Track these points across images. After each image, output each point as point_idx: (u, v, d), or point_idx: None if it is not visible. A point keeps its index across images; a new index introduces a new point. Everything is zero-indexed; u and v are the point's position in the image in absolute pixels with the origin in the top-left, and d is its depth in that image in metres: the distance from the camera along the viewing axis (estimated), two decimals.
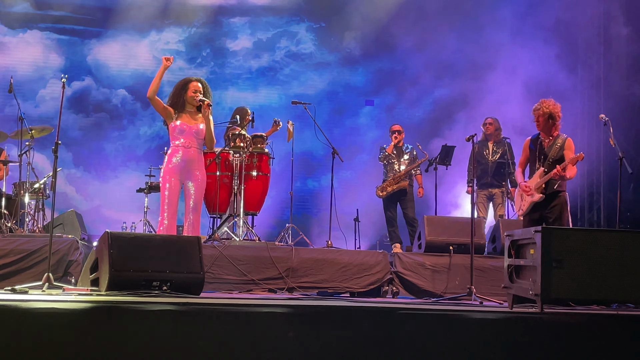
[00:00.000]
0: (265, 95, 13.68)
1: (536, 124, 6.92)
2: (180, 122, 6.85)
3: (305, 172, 12.85)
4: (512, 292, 5.14)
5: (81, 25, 13.45)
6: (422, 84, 13.61)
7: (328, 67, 14.14)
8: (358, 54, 14.22)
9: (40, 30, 13.22)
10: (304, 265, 7.47)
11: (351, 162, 12.95)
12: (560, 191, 6.81)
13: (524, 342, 4.28)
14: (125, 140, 13.35)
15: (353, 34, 14.11)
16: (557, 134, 6.86)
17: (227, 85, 13.74)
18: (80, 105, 13.33)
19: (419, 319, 4.30)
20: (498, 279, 6.97)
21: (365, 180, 11.27)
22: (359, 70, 14.22)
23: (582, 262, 4.58)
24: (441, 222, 8.43)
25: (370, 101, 14.07)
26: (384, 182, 9.75)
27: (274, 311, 4.19)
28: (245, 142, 8.41)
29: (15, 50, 13.09)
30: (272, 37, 14.08)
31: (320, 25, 14.26)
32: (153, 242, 5.76)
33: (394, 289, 7.69)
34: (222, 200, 8.37)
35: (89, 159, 13.09)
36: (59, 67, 13.09)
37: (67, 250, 7.07)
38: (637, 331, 4.40)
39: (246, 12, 14.00)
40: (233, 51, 13.91)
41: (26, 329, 3.79)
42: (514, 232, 5.30)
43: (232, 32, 13.94)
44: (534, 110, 6.88)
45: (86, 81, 13.39)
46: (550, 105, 6.80)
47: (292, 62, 14.13)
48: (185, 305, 4.14)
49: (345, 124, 13.86)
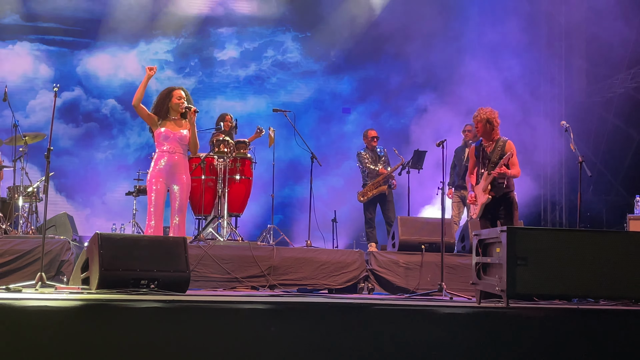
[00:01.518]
0: (253, 103, 13.51)
1: (476, 130, 7.08)
2: (165, 129, 6.82)
3: (293, 178, 12.61)
4: (479, 288, 5.17)
5: (70, 37, 13.16)
6: (406, 92, 13.57)
7: (314, 75, 14.01)
8: (343, 62, 14.09)
9: (30, 41, 12.92)
10: (284, 264, 7.46)
11: (338, 169, 12.92)
12: (509, 192, 6.86)
13: (491, 335, 4.30)
14: (115, 150, 13.11)
15: (338, 43, 13.93)
16: (498, 138, 6.94)
17: (215, 94, 13.55)
18: (70, 116, 13.07)
19: (393, 314, 4.31)
20: (467, 276, 7.01)
21: (352, 186, 11.08)
22: (344, 79, 14.10)
23: (545, 259, 4.60)
24: (414, 222, 8.47)
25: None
26: (365, 187, 9.77)
27: (257, 307, 4.19)
28: (229, 147, 8.42)
29: (5, 62, 12.75)
30: (259, 47, 13.92)
31: (306, 34, 14.10)
32: (141, 242, 5.73)
33: (370, 285, 7.70)
34: (207, 202, 8.36)
35: (79, 168, 12.80)
36: (49, 78, 12.81)
37: (60, 251, 7.01)
38: (595, 323, 4.44)
39: (233, 23, 13.81)
40: (221, 61, 13.73)
41: (20, 326, 3.75)
42: (481, 232, 5.32)
43: (220, 42, 13.75)
44: (474, 118, 7.01)
45: (76, 91, 13.12)
46: (488, 112, 6.91)
47: (279, 71, 13.95)
48: (172, 302, 4.12)
49: (332, 132, 13.71)
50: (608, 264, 4.66)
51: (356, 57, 13.99)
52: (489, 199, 6.80)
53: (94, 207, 12.58)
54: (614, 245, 4.73)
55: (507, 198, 6.85)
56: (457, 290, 6.81)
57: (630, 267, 4.68)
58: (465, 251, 8.26)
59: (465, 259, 7.75)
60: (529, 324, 4.38)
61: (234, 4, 13.76)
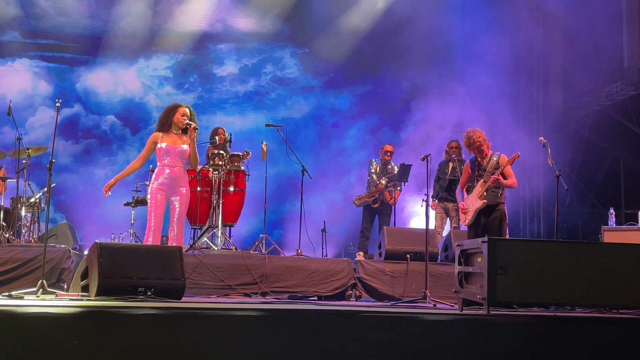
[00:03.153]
0: (253, 119, 13.16)
1: (468, 150, 7.12)
2: (166, 144, 6.74)
3: (294, 192, 11.98)
4: (462, 296, 5.17)
5: (70, 53, 12.82)
6: (405, 107, 13.31)
7: (313, 91, 13.67)
8: (341, 78, 13.78)
9: (29, 58, 12.59)
10: (276, 272, 7.45)
11: (338, 184, 12.67)
12: (500, 203, 6.91)
13: (473, 340, 4.30)
14: (115, 166, 12.66)
15: (336, 58, 13.60)
16: (491, 153, 6.99)
17: (214, 110, 13.24)
18: (70, 132, 12.71)
19: (379, 321, 4.31)
20: (450, 284, 7.00)
21: (350, 202, 10.64)
22: (344, 94, 13.79)
23: (524, 269, 4.61)
24: (399, 232, 8.48)
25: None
26: (365, 193, 9.86)
27: (249, 314, 4.18)
28: (223, 160, 8.42)
29: (4, 79, 12.40)
30: (258, 63, 13.61)
31: (304, 50, 13.79)
32: (139, 251, 5.70)
33: (357, 293, 7.69)
34: (202, 212, 8.35)
35: (78, 184, 12.41)
36: (48, 95, 12.51)
37: (60, 259, 6.98)
38: (571, 330, 4.45)
39: (232, 39, 13.51)
40: (220, 77, 13.42)
41: (21, 332, 3.73)
42: (464, 242, 5.33)
43: (219, 58, 13.45)
44: (463, 140, 7.05)
45: (75, 108, 12.79)
46: (474, 134, 6.96)
47: (278, 87, 13.62)
48: (168, 309, 4.10)
49: (331, 147, 13.40)
50: (584, 273, 4.68)
51: (354, 73, 13.69)
52: (485, 203, 6.84)
53: (93, 219, 12.12)
54: (589, 255, 4.74)
55: (498, 209, 6.89)
56: (441, 298, 6.80)
57: (604, 277, 4.70)
58: (449, 260, 8.27)
59: (448, 268, 7.75)
60: (509, 330, 4.38)
61: (232, 21, 13.46)
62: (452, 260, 7.56)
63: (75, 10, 12.83)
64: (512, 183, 6.89)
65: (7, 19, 12.48)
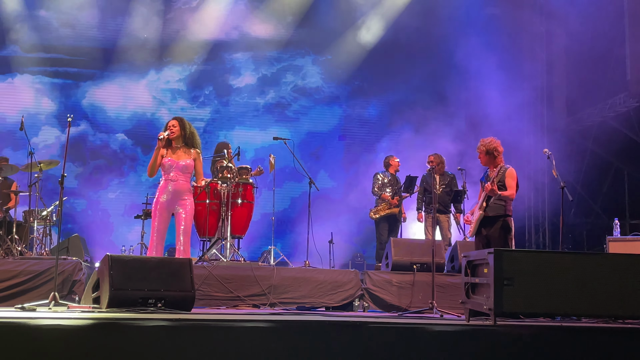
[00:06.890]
0: (276, 133, 11.16)
1: (480, 160, 7.07)
2: (169, 159, 6.83)
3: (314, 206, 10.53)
4: (468, 307, 5.16)
5: (75, 68, 11.74)
6: (439, 115, 12.35)
7: (337, 100, 12.56)
8: (368, 86, 12.69)
9: (31, 74, 11.53)
10: (284, 283, 7.44)
11: (371, 200, 11.81)
12: (503, 215, 6.83)
13: (480, 351, 4.29)
14: (127, 188, 11.71)
15: (360, 65, 12.51)
16: (501, 166, 6.94)
17: (232, 124, 12.16)
18: (77, 153, 11.51)
19: (386, 332, 4.30)
20: (456, 294, 6.98)
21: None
22: (372, 103, 12.70)
23: (530, 280, 4.61)
24: (406, 244, 8.47)
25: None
26: (377, 205, 9.81)
27: (258, 325, 4.18)
28: (231, 173, 8.44)
29: (4, 97, 11.36)
30: (277, 72, 12.47)
31: (327, 57, 12.65)
32: (149, 263, 5.72)
33: (365, 303, 7.68)
34: (211, 225, 8.34)
35: (87, 209, 11.37)
36: (52, 113, 11.54)
37: (72, 271, 6.99)
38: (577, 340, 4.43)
39: (248, 47, 12.37)
40: (237, 88, 12.34)
41: (34, 344, 3.74)
42: (470, 254, 5.33)
43: (235, 68, 12.34)
44: (477, 149, 7.02)
45: (82, 126, 11.68)
46: (487, 142, 6.95)
47: (300, 97, 12.50)
48: (178, 320, 4.12)
49: (360, 160, 12.29)
50: (589, 283, 4.67)
51: (381, 80, 12.52)
52: (482, 215, 6.82)
53: (104, 232, 11.28)
54: (594, 266, 4.73)
55: (499, 220, 6.84)
56: (447, 308, 6.79)
57: (610, 287, 4.68)
58: (455, 271, 8.25)
59: (455, 279, 7.73)
60: (515, 340, 4.37)
61: (249, 28, 12.40)
62: (459, 271, 7.56)
63: (80, 21, 11.87)
64: (509, 194, 6.82)
65: (6, 32, 11.58)
